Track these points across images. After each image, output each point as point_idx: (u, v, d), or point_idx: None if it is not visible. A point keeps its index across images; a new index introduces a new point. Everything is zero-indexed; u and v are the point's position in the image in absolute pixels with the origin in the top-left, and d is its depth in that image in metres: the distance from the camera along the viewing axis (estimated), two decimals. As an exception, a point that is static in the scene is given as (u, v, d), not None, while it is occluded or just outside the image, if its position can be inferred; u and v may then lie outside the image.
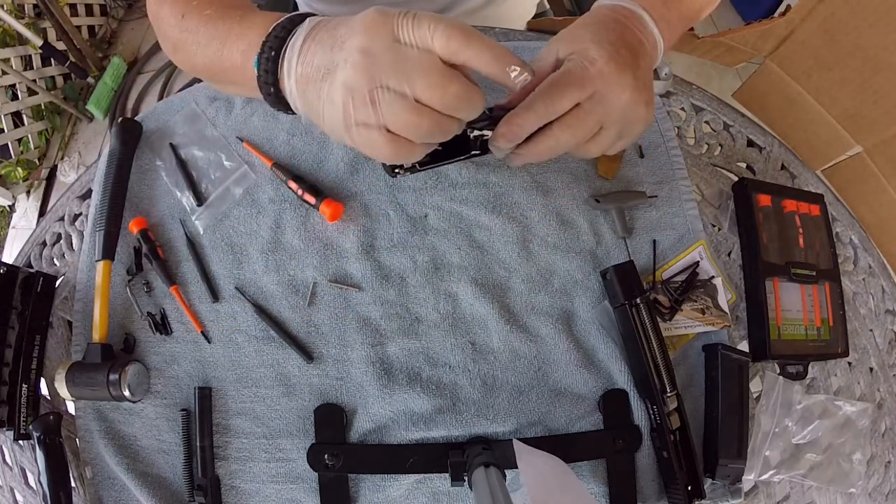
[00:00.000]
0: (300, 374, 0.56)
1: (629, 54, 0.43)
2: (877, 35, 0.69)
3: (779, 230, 0.63)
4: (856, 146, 0.77)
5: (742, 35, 0.74)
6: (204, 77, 0.53)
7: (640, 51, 0.45)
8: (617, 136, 0.45)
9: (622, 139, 0.46)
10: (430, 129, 0.36)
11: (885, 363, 0.65)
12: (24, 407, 0.57)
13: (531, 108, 0.42)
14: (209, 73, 0.50)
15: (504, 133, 0.43)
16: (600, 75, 0.41)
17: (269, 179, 0.62)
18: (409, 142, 0.37)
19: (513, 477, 0.53)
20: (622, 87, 0.42)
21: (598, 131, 0.44)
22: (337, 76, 0.36)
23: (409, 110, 0.35)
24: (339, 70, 0.36)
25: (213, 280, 0.59)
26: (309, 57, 0.38)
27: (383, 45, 0.34)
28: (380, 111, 0.35)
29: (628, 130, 0.45)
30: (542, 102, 0.42)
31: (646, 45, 0.46)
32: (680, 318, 0.58)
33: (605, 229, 0.61)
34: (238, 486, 0.55)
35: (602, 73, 0.41)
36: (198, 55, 0.49)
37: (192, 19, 0.49)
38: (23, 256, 0.68)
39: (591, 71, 0.42)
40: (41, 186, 1.89)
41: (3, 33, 1.69)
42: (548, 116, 0.42)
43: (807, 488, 0.59)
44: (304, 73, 0.38)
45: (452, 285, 0.58)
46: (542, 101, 0.42)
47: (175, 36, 0.51)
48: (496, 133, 0.43)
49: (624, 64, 0.42)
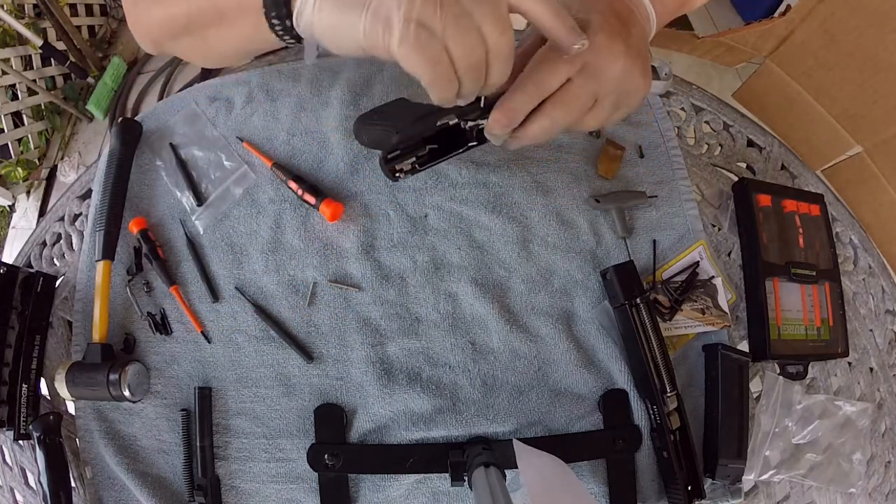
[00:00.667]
0: (300, 374, 0.56)
1: (618, 23, 0.42)
2: (877, 35, 0.69)
3: (779, 230, 0.63)
4: (856, 146, 0.77)
5: (742, 35, 0.74)
6: (180, 25, 0.45)
7: (631, 19, 0.43)
8: (613, 107, 0.43)
9: (619, 110, 0.44)
10: (477, 63, 0.35)
11: (885, 363, 0.65)
12: (24, 407, 0.57)
13: (522, 89, 0.40)
14: (187, 16, 0.44)
15: (498, 119, 0.41)
16: (590, 46, 0.39)
17: (269, 179, 0.62)
18: (451, 70, 0.35)
19: (513, 477, 0.53)
20: (614, 56, 0.40)
21: (594, 104, 0.42)
22: None
23: (472, 31, 0.33)
24: None
25: (213, 280, 0.59)
26: None
27: None
28: (446, 17, 0.33)
29: (625, 101, 0.44)
30: (532, 81, 0.40)
31: (636, 14, 0.44)
32: (680, 318, 0.58)
33: (605, 229, 0.61)
34: (238, 486, 0.55)
35: (591, 43, 0.39)
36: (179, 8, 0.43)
37: None
38: (23, 256, 0.68)
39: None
40: (41, 186, 1.89)
41: (3, 33, 1.69)
42: (540, 95, 0.41)
43: (807, 488, 0.59)
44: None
45: (452, 285, 0.58)
46: (531, 81, 0.40)
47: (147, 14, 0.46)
48: (491, 120, 0.42)
49: (614, 33, 0.41)
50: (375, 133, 0.55)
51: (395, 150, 0.45)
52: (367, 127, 0.55)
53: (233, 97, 0.66)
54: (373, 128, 0.55)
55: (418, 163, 0.46)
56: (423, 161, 0.46)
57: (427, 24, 0.33)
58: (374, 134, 0.55)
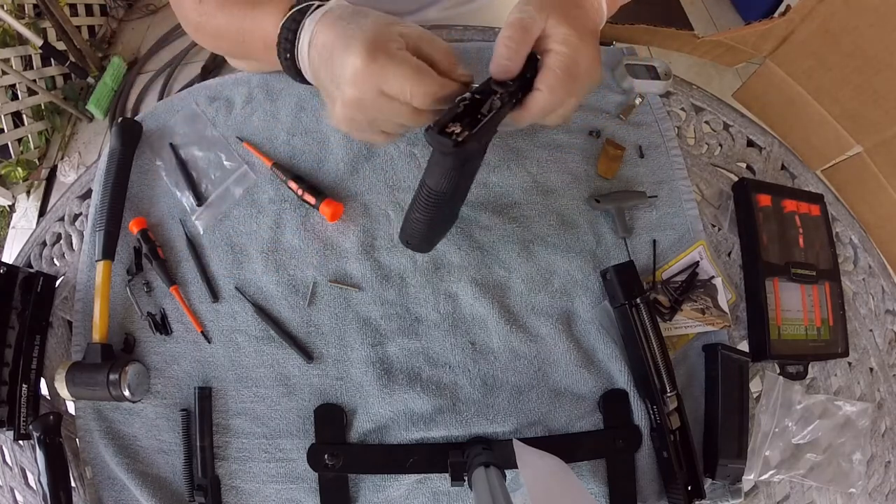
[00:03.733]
0: (300, 374, 0.56)
1: (580, 13, 0.45)
2: (877, 35, 0.69)
3: (779, 230, 0.63)
4: (856, 146, 0.77)
5: (742, 35, 0.74)
6: (227, 55, 0.64)
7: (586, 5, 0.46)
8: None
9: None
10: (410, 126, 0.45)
11: (885, 363, 0.65)
12: (24, 407, 0.57)
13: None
14: (232, 55, 0.60)
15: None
16: (565, 41, 0.42)
17: (269, 179, 0.62)
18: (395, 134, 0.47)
19: (513, 477, 0.53)
20: (586, 45, 0.43)
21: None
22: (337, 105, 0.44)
23: (396, 127, 0.45)
24: (338, 101, 0.44)
25: (212, 280, 0.59)
26: (315, 65, 0.46)
27: (371, 96, 0.42)
28: (375, 127, 0.45)
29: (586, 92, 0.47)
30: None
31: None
32: (680, 318, 0.58)
33: (605, 229, 0.61)
34: (238, 486, 0.55)
35: (568, 39, 0.43)
36: (221, 39, 0.57)
37: (209, 3, 0.55)
38: (23, 256, 0.67)
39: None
40: (41, 186, 1.89)
41: (3, 33, 1.69)
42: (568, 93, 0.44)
43: (807, 488, 0.59)
44: (315, 77, 0.47)
45: (452, 285, 0.58)
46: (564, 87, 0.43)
47: (195, 20, 0.57)
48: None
49: (585, 33, 0.44)
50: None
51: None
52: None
53: (233, 97, 0.66)
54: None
55: (470, 125, 0.41)
56: (473, 121, 0.41)
57: (365, 133, 0.46)
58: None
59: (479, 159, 0.47)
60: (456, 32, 0.72)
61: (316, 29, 0.44)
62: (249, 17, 0.51)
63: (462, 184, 0.46)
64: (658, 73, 0.67)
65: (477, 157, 0.45)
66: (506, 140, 0.62)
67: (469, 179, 0.48)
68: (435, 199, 0.44)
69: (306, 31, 0.45)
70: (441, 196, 0.44)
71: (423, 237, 0.50)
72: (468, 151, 0.40)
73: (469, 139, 0.39)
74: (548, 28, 0.42)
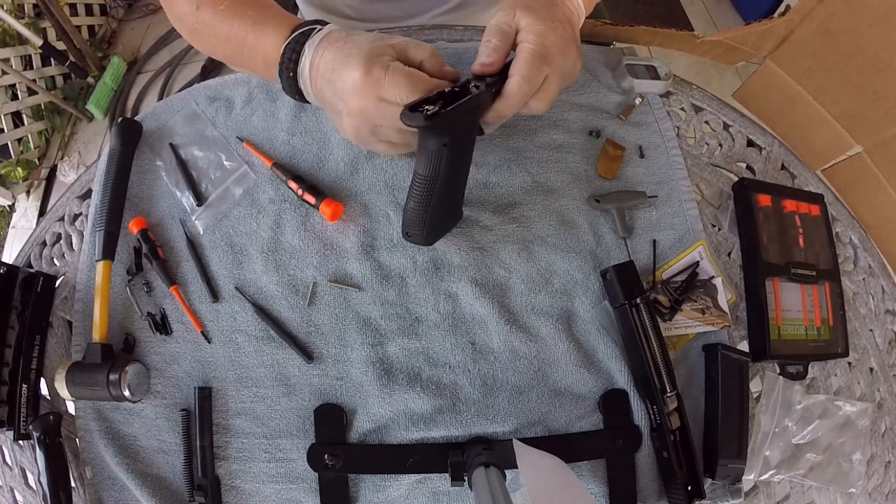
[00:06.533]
0: (300, 374, 0.56)
1: (561, 13, 0.48)
2: (877, 35, 0.69)
3: (779, 230, 0.63)
4: (856, 146, 0.77)
5: (742, 35, 0.74)
6: (220, 60, 0.62)
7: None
8: (560, 88, 0.49)
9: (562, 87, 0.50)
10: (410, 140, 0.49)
11: (885, 363, 0.65)
12: (24, 407, 0.57)
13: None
14: (229, 62, 0.59)
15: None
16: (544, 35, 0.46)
17: (269, 179, 0.62)
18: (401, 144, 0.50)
19: (513, 477, 0.53)
20: (566, 42, 0.47)
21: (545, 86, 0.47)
22: (343, 117, 0.48)
23: (397, 134, 0.48)
24: (343, 113, 0.48)
25: (212, 280, 0.59)
26: (318, 85, 0.49)
27: (373, 103, 0.46)
28: (379, 135, 0.49)
29: (568, 81, 0.50)
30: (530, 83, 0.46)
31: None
32: (680, 318, 0.58)
33: (605, 229, 0.61)
34: (238, 486, 0.55)
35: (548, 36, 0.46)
36: (217, 48, 0.57)
37: (206, 12, 0.54)
38: (23, 256, 0.68)
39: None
40: (41, 186, 1.89)
41: (3, 33, 1.69)
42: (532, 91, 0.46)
43: (807, 488, 0.59)
44: (319, 96, 0.50)
45: (452, 285, 0.58)
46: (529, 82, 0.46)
47: (190, 25, 0.57)
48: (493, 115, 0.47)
49: (567, 34, 0.47)
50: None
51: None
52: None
53: (233, 97, 0.66)
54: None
55: (444, 106, 0.42)
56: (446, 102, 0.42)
57: (370, 143, 0.50)
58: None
59: (464, 147, 0.48)
60: (457, 33, 0.72)
61: (316, 52, 0.48)
62: (252, 33, 0.52)
63: (452, 170, 0.47)
64: (658, 73, 0.67)
65: (461, 143, 0.47)
66: (506, 140, 0.62)
67: (459, 167, 0.49)
68: (422, 183, 0.47)
69: (307, 55, 0.49)
70: (428, 180, 0.46)
71: (419, 226, 0.51)
72: (441, 129, 0.43)
73: (439, 115, 0.41)
74: (519, 26, 0.46)
